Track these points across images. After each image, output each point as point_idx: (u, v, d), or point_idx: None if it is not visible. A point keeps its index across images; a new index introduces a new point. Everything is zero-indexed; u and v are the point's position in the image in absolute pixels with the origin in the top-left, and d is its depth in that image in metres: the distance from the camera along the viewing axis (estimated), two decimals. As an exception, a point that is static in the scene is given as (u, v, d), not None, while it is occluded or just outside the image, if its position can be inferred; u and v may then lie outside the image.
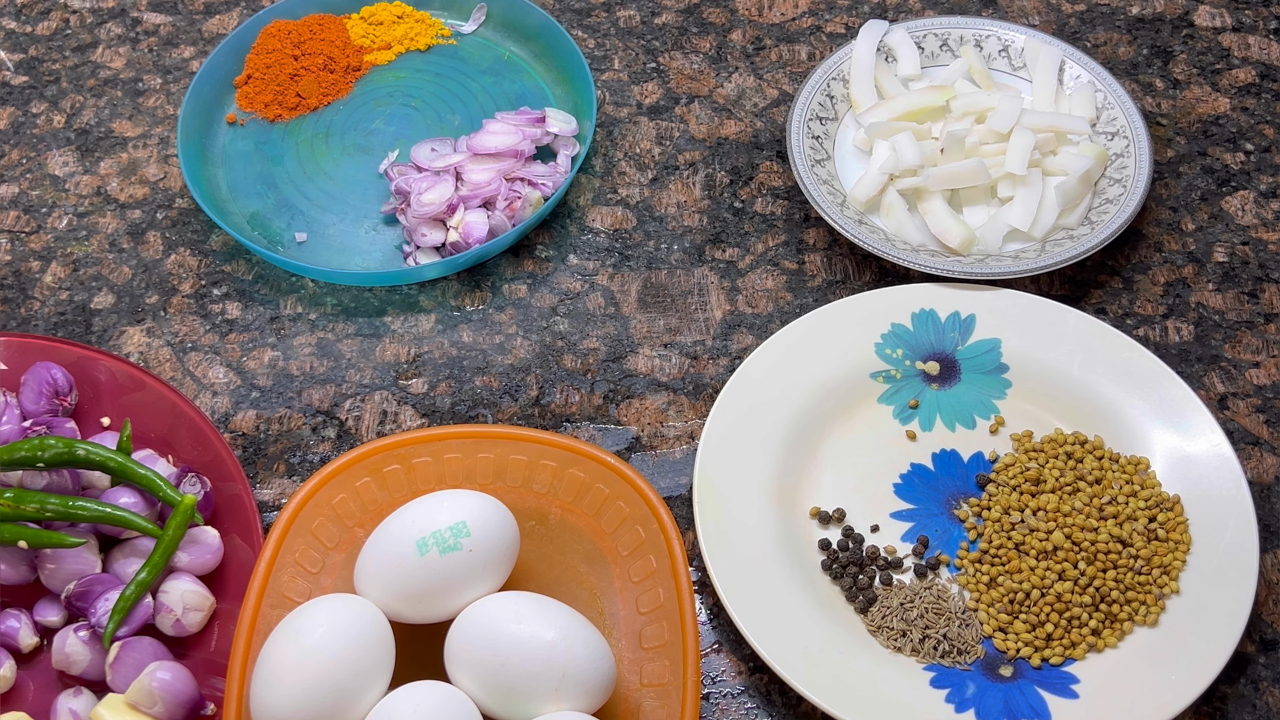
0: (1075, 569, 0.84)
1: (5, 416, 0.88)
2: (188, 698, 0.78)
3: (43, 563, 0.83)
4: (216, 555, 0.84)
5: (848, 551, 0.86)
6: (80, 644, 0.80)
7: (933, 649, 0.82)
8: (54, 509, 0.82)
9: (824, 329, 0.94)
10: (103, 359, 0.93)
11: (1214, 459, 0.87)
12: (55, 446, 0.83)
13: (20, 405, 0.89)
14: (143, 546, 0.84)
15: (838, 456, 0.90)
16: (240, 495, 0.86)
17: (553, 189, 1.03)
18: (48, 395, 0.90)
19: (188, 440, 0.89)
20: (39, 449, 0.83)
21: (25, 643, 0.82)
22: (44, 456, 0.83)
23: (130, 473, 0.84)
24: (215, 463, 0.88)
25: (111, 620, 0.80)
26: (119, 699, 0.78)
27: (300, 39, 1.13)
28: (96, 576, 0.82)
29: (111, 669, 0.79)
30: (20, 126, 1.12)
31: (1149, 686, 0.79)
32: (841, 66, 1.08)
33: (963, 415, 0.93)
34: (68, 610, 0.83)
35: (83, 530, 0.84)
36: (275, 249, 1.02)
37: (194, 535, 0.84)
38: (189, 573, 0.83)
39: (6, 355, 0.93)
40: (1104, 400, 0.91)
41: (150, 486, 0.84)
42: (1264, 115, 1.09)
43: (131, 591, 0.80)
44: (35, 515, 0.82)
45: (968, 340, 0.94)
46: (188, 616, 0.82)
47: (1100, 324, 0.93)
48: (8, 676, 0.81)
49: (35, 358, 0.92)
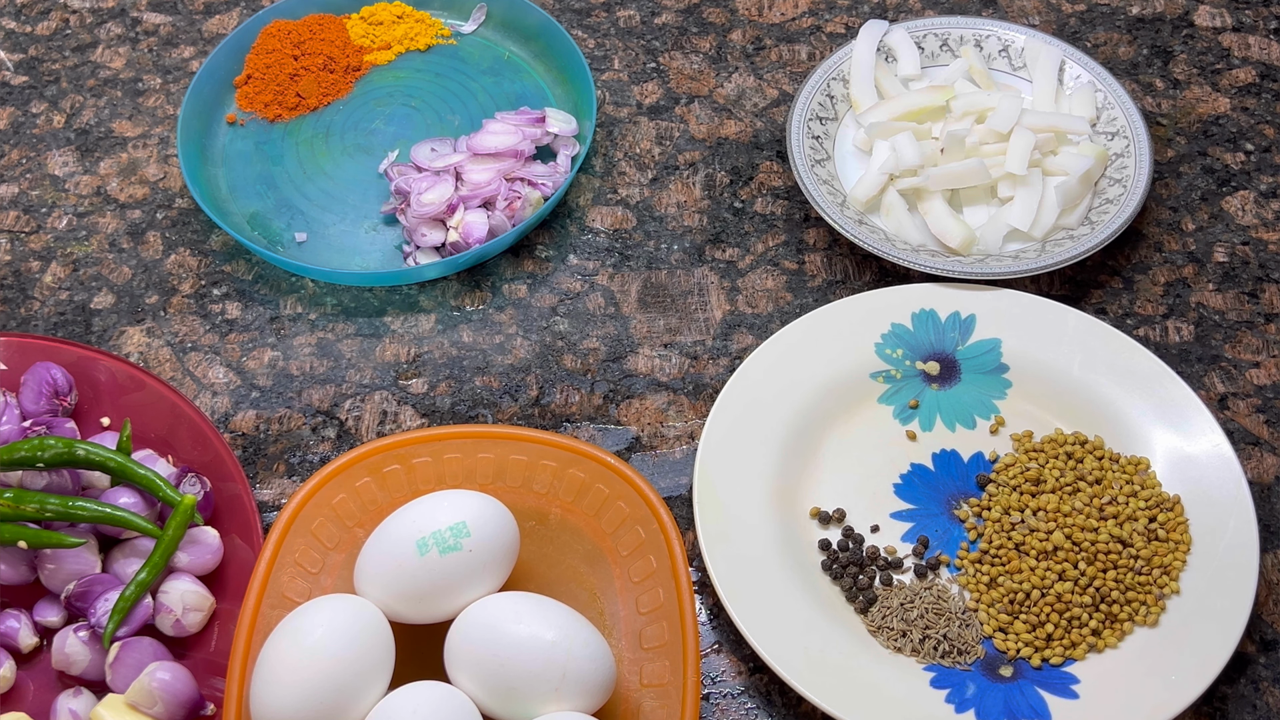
0: (1075, 569, 0.84)
1: (5, 416, 0.88)
2: (187, 698, 0.78)
3: (43, 563, 0.83)
4: (216, 555, 0.85)
5: (848, 552, 0.86)
6: (80, 644, 0.80)
7: (933, 649, 0.82)
8: (54, 509, 0.82)
9: (824, 329, 0.94)
10: (103, 359, 0.93)
11: (1214, 459, 0.87)
12: (55, 446, 0.83)
13: (20, 405, 0.89)
14: (143, 546, 0.84)
15: (838, 456, 0.90)
16: (240, 495, 0.86)
17: (553, 189, 1.02)
18: (48, 395, 0.90)
19: (188, 440, 0.89)
20: (39, 449, 0.83)
21: (25, 643, 0.82)
22: (44, 456, 0.83)
23: (130, 473, 0.84)
24: (215, 463, 0.88)
25: (111, 620, 0.80)
26: (119, 699, 0.78)
27: (300, 39, 1.13)
28: (96, 576, 0.82)
29: (111, 669, 0.79)
30: (20, 126, 1.12)
31: (1149, 686, 0.79)
32: (841, 66, 1.08)
33: (963, 415, 0.93)
34: (68, 610, 0.83)
35: (83, 530, 0.84)
36: (275, 249, 1.02)
37: (194, 535, 0.84)
38: (189, 573, 0.83)
39: (6, 355, 0.93)
40: (1104, 400, 0.91)
41: (150, 487, 0.84)
42: (1264, 115, 1.09)
43: (131, 592, 0.80)
44: (35, 515, 0.82)
45: (968, 340, 0.94)
46: (187, 617, 0.82)
47: (1100, 324, 0.93)
48: (8, 677, 0.81)
49: (35, 358, 0.92)
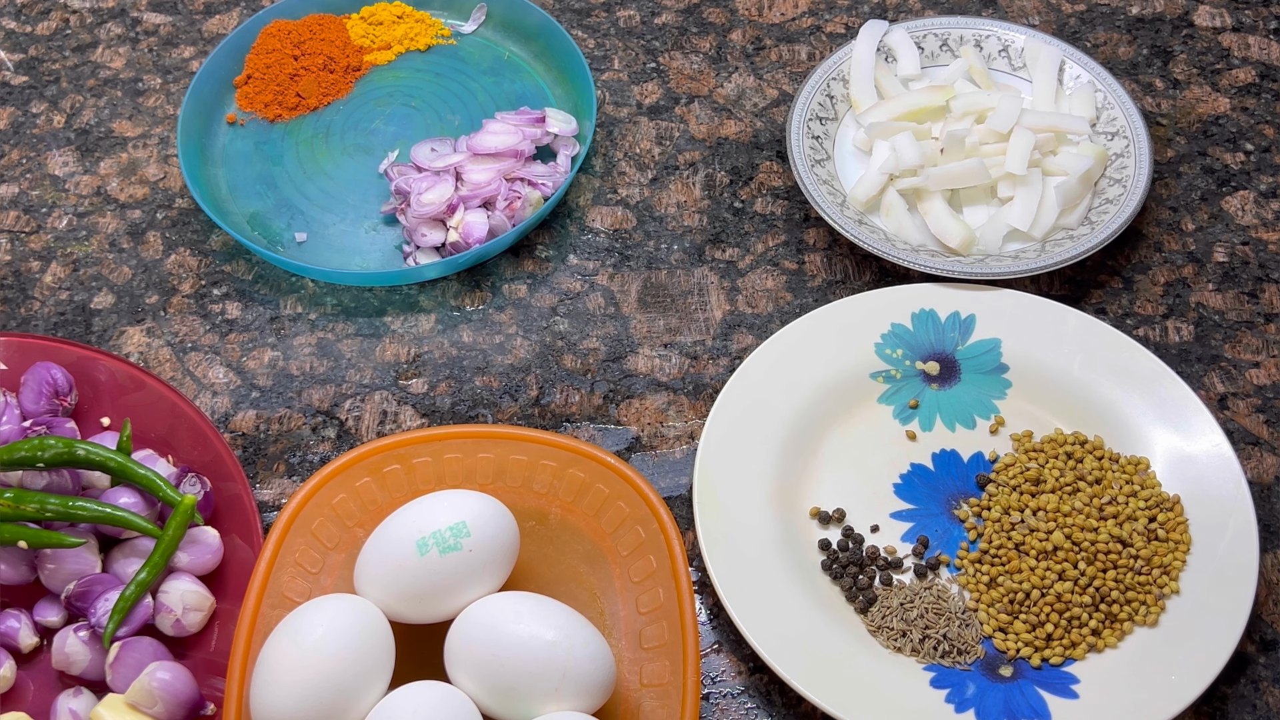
0: (1075, 569, 0.84)
1: (5, 416, 0.88)
2: (188, 698, 0.78)
3: (42, 563, 0.83)
4: (216, 555, 0.85)
5: (847, 551, 0.86)
6: (80, 644, 0.80)
7: (933, 649, 0.82)
8: (54, 509, 0.82)
9: (824, 329, 0.94)
10: (102, 359, 0.93)
11: (1214, 459, 0.87)
12: (55, 446, 0.83)
13: (20, 405, 0.89)
14: (142, 546, 0.84)
15: (838, 456, 0.90)
16: (240, 495, 0.86)
17: (553, 189, 1.02)
18: (48, 395, 0.90)
19: (188, 440, 0.89)
20: (39, 449, 0.83)
21: (25, 643, 0.82)
22: (44, 456, 0.83)
23: (130, 473, 0.84)
24: (215, 463, 0.88)
25: (111, 620, 0.80)
26: (119, 699, 0.78)
27: (300, 39, 1.13)
28: (96, 576, 0.82)
29: (111, 669, 0.79)
30: (20, 126, 1.12)
31: (1149, 686, 0.79)
32: (841, 66, 1.08)
33: (963, 415, 0.93)
34: (68, 610, 0.83)
35: (83, 530, 0.84)
36: (275, 249, 1.02)
37: (194, 535, 0.84)
38: (189, 573, 0.83)
39: (6, 355, 0.93)
40: (1104, 400, 0.91)
41: (150, 487, 0.84)
42: (1264, 115, 1.09)
43: (131, 591, 0.80)
44: (35, 515, 0.82)
45: (968, 340, 0.94)
46: (187, 616, 0.82)
47: (1100, 324, 0.93)
48: (8, 676, 0.81)
49: (35, 358, 0.92)
